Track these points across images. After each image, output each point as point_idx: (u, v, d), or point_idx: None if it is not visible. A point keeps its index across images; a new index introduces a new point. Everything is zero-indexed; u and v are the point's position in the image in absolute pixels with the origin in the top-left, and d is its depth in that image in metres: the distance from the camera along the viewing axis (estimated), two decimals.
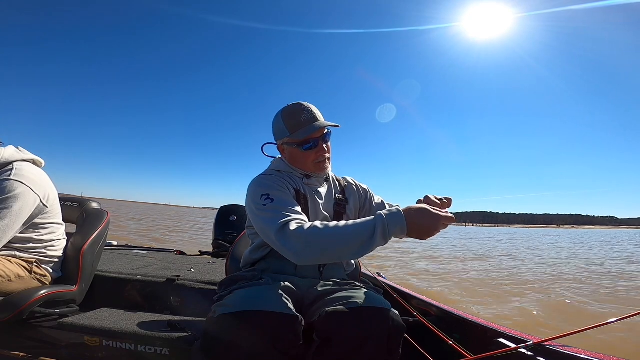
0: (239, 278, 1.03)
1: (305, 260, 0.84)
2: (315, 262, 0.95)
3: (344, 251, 0.80)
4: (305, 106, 1.06)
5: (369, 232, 0.78)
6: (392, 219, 0.78)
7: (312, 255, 0.82)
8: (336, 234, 0.80)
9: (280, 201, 0.93)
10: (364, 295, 0.89)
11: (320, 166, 1.08)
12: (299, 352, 0.81)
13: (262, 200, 0.94)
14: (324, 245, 0.80)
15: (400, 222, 0.78)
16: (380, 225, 0.78)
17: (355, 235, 0.79)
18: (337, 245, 0.80)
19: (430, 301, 1.42)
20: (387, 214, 0.79)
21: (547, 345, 0.82)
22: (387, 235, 0.78)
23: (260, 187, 0.99)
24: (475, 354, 0.84)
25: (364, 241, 0.78)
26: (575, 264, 8.27)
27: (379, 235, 0.78)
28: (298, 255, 0.82)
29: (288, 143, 1.08)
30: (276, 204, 0.92)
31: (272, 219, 0.88)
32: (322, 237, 0.81)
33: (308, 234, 0.81)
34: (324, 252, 0.81)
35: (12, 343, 1.27)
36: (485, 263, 8.49)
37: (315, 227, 0.82)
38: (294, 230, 0.83)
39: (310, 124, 1.03)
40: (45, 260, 1.39)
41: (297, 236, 0.82)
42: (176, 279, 1.71)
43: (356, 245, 0.79)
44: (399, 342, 0.84)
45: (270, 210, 0.91)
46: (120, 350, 1.21)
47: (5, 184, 1.20)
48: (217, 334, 0.79)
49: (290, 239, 0.82)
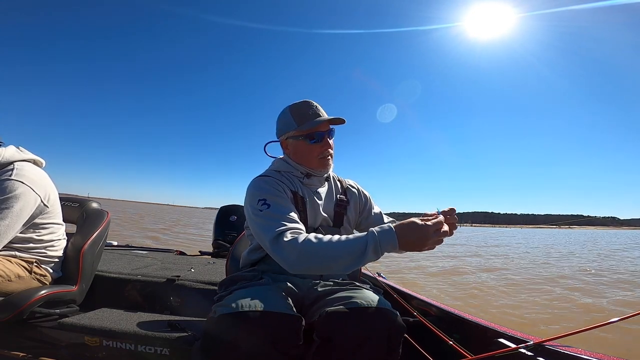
0: (239, 278, 1.03)
1: (297, 271, 0.86)
2: (307, 273, 0.98)
3: (335, 265, 0.82)
4: (312, 103, 1.09)
5: (360, 248, 0.80)
6: (383, 236, 0.79)
7: (303, 267, 0.84)
8: (329, 249, 0.82)
9: (276, 208, 0.94)
10: (364, 295, 0.89)
11: (323, 162, 1.09)
12: (299, 352, 0.81)
13: (259, 205, 0.95)
14: (316, 258, 0.82)
15: (392, 238, 0.79)
16: (372, 242, 0.79)
17: (347, 250, 0.81)
18: (328, 259, 0.82)
19: (430, 301, 1.42)
20: (379, 230, 0.81)
21: (547, 345, 0.82)
22: (379, 251, 0.80)
23: (257, 191, 1.00)
24: (475, 354, 0.84)
25: (356, 257, 0.80)
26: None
27: (370, 252, 0.79)
28: (290, 266, 0.85)
29: (294, 136, 1.08)
30: (272, 211, 0.93)
31: (267, 227, 0.90)
32: (315, 250, 0.82)
33: (302, 247, 0.83)
34: (316, 265, 0.83)
35: (12, 343, 1.27)
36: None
37: (309, 240, 0.84)
38: (288, 242, 0.84)
39: (318, 117, 1.05)
40: (46, 260, 1.39)
41: (290, 247, 0.84)
42: (176, 279, 1.71)
43: (348, 261, 0.80)
44: (399, 342, 0.84)
45: (266, 217, 0.93)
46: (120, 350, 1.21)
47: (6, 183, 1.20)
48: (218, 334, 0.79)
49: (284, 250, 0.85)
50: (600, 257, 11.14)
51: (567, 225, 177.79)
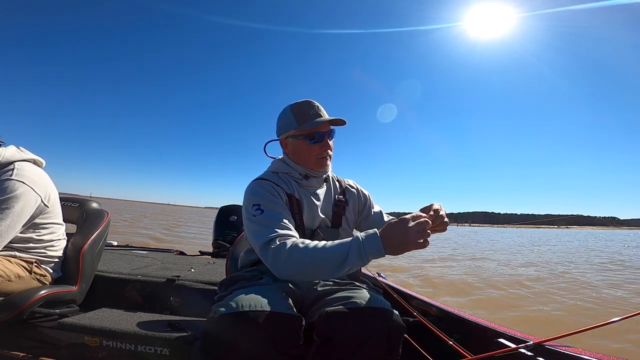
0: (239, 278, 1.03)
1: (285, 277, 0.89)
2: (295, 279, 0.99)
3: (320, 271, 0.85)
4: (314, 102, 1.09)
5: (344, 254, 0.81)
6: (367, 241, 0.80)
7: (290, 273, 0.88)
8: (314, 255, 0.84)
9: (269, 214, 0.97)
10: (364, 295, 0.89)
11: (322, 162, 1.09)
12: (299, 352, 0.81)
13: (253, 210, 0.98)
14: (302, 265, 0.85)
15: (376, 242, 0.79)
16: (355, 248, 0.81)
17: (331, 256, 0.82)
18: (313, 265, 0.84)
19: (430, 301, 1.42)
20: (364, 235, 0.82)
21: (547, 345, 0.82)
22: (364, 256, 0.80)
23: (253, 195, 1.02)
24: (475, 354, 0.84)
25: (339, 263, 0.81)
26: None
27: (353, 257, 0.80)
28: (278, 273, 0.89)
29: (294, 135, 1.09)
30: (265, 217, 0.96)
31: (259, 233, 0.94)
32: (301, 257, 0.85)
33: (288, 254, 0.85)
34: (302, 271, 0.86)
35: (12, 343, 1.27)
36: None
37: (296, 247, 0.86)
38: (275, 249, 0.88)
39: (319, 117, 1.06)
40: (45, 260, 1.39)
41: (277, 255, 0.87)
42: (176, 279, 1.71)
43: (332, 267, 0.82)
44: (399, 342, 0.84)
45: (258, 223, 0.96)
46: (120, 350, 1.21)
47: (7, 184, 1.20)
48: (218, 334, 0.78)
49: (271, 256, 0.88)
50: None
51: (565, 225, 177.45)
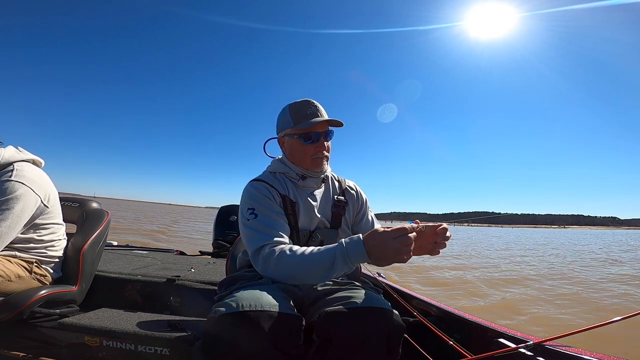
0: (239, 278, 1.03)
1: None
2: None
3: (307, 277, 0.88)
4: (313, 102, 1.09)
5: (330, 259, 0.83)
6: (351, 246, 0.82)
7: (279, 280, 0.92)
8: (301, 261, 0.87)
9: (262, 219, 0.99)
10: (364, 295, 0.89)
11: (317, 162, 1.09)
12: (299, 352, 0.81)
13: (248, 214, 1.01)
14: (289, 271, 0.89)
15: (359, 248, 0.81)
16: (340, 253, 0.83)
17: (318, 262, 0.85)
18: (301, 271, 0.87)
19: (430, 301, 1.41)
20: (348, 241, 0.83)
21: (547, 345, 0.82)
22: (349, 261, 0.82)
23: (248, 198, 1.05)
24: (475, 354, 0.84)
25: (325, 269, 0.84)
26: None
27: (339, 263, 0.83)
28: (267, 278, 0.94)
29: (290, 134, 1.09)
30: (258, 222, 0.99)
31: (252, 238, 0.98)
32: (288, 265, 0.88)
33: (277, 261, 0.89)
34: (290, 277, 0.90)
35: (12, 343, 1.27)
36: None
37: (284, 253, 0.90)
38: (265, 255, 0.92)
39: (315, 117, 1.06)
40: (46, 260, 1.39)
41: (266, 262, 0.92)
42: (176, 279, 1.71)
43: (320, 272, 0.85)
44: (399, 342, 0.84)
45: (252, 228, 0.99)
46: (121, 350, 1.21)
47: (7, 184, 1.20)
48: (218, 334, 0.78)
49: (260, 264, 0.93)
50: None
51: (564, 225, 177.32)
